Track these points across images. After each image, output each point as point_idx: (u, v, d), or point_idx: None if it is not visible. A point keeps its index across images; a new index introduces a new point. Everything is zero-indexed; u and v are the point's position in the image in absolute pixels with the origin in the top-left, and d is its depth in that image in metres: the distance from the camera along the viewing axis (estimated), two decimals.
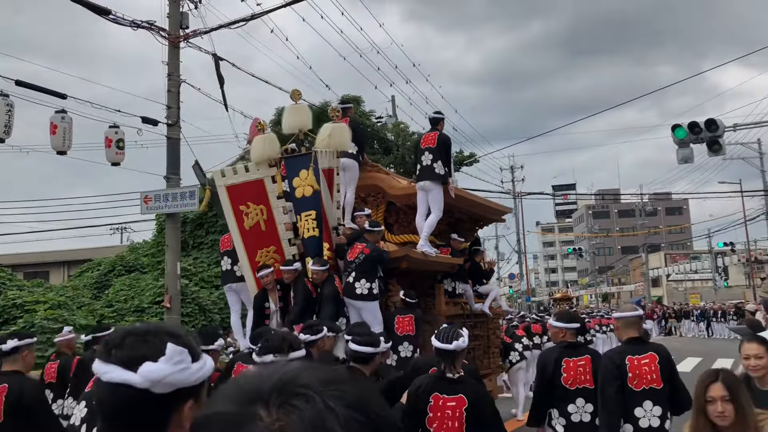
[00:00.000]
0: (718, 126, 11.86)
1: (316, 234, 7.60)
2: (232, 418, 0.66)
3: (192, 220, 19.27)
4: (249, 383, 0.69)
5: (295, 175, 7.81)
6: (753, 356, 3.80)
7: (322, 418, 0.64)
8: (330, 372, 0.71)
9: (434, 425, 3.64)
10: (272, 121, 30.36)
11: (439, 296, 8.50)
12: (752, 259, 40.71)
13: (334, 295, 7.10)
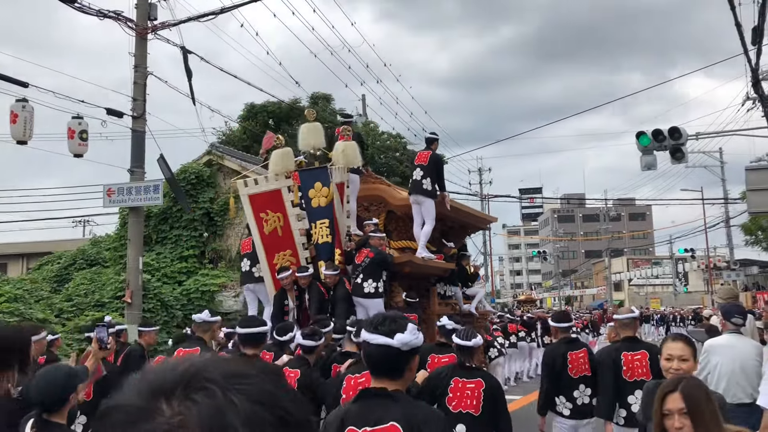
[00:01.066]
0: (681, 134, 12.07)
1: (329, 240, 8.58)
2: (132, 412, 0.64)
3: (156, 214, 19.00)
4: (155, 376, 0.68)
5: (310, 186, 8.80)
6: (677, 357, 3.47)
7: (222, 412, 0.62)
8: (238, 366, 0.69)
9: (453, 403, 4.40)
10: (241, 117, 30.15)
11: (432, 298, 9.55)
12: (711, 266, 41.59)
13: (346, 296, 8.05)
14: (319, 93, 30.98)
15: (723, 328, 5.83)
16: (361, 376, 4.15)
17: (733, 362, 5.20)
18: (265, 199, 8.93)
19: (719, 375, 5.24)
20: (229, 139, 29.13)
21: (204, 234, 19.07)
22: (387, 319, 2.61)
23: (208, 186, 19.43)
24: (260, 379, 0.67)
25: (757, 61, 13.60)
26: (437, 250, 9.78)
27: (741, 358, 5.22)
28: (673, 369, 3.44)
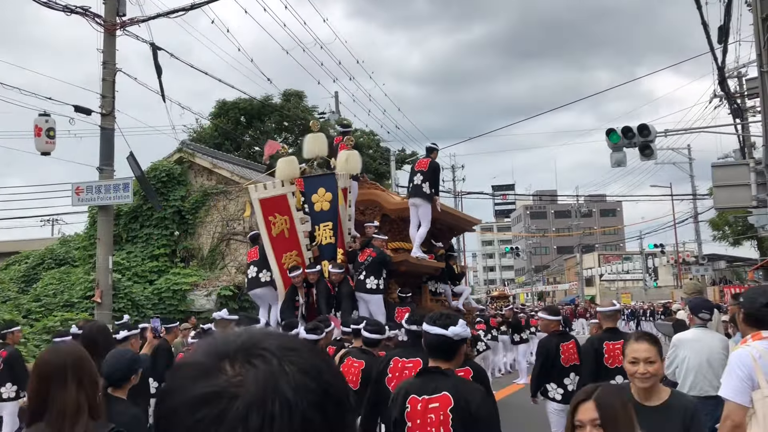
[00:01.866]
0: (650, 131, 12.22)
1: (332, 241, 9.45)
2: (202, 368, 0.74)
3: (126, 213, 18.75)
4: (221, 342, 0.77)
5: (313, 191, 9.68)
6: (642, 360, 3.11)
7: (275, 378, 0.71)
8: (291, 340, 0.78)
9: None
10: (212, 114, 29.89)
11: (424, 294, 10.50)
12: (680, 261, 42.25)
13: (350, 293, 8.92)
14: (292, 90, 30.85)
15: (691, 322, 5.93)
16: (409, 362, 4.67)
17: (700, 356, 5.29)
18: (273, 202, 9.67)
19: (687, 369, 5.33)
20: (201, 137, 28.86)
21: (175, 232, 18.87)
22: (443, 315, 3.43)
23: (179, 184, 19.22)
24: (310, 354, 0.76)
25: (723, 60, 13.84)
26: (428, 250, 10.52)
27: (708, 351, 5.32)
28: (639, 374, 3.11)
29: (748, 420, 3.26)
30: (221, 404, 0.69)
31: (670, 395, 3.15)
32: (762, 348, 3.36)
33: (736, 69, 21.22)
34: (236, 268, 18.47)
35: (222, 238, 18.94)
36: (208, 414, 0.69)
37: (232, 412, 0.68)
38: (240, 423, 0.67)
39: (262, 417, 0.68)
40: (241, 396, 0.69)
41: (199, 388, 0.71)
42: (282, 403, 0.69)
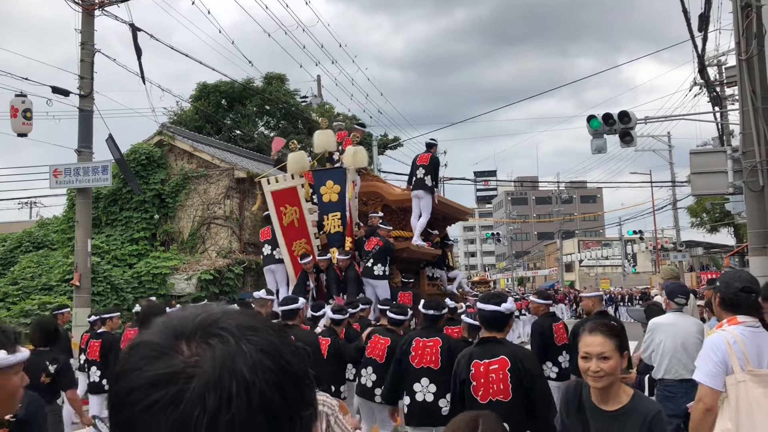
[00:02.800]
0: (631, 118, 12.28)
1: (340, 230, 10.32)
2: (157, 348, 0.72)
3: (105, 196, 18.57)
4: (178, 319, 0.76)
5: (322, 184, 10.49)
6: (595, 356, 2.73)
7: (232, 357, 0.70)
8: (250, 319, 0.77)
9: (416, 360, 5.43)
10: (193, 96, 29.60)
11: (422, 279, 11.39)
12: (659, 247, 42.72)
13: (356, 277, 9.78)
14: (273, 73, 30.61)
15: (667, 307, 6.02)
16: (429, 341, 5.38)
17: (676, 340, 5.37)
18: (284, 194, 10.58)
19: (663, 352, 5.41)
20: (181, 119, 28.60)
21: (155, 216, 18.74)
22: (495, 294, 4.15)
23: (159, 167, 19.06)
24: (268, 333, 0.75)
25: (703, 48, 13.93)
26: (425, 238, 11.29)
27: (683, 335, 5.40)
28: (591, 372, 2.72)
29: (721, 404, 3.31)
30: (177, 385, 0.68)
31: (630, 399, 2.76)
32: (737, 333, 3.40)
33: (716, 57, 21.40)
34: (217, 252, 18.40)
35: (202, 221, 18.84)
36: (164, 395, 0.68)
37: (189, 393, 0.67)
38: (197, 404, 0.67)
39: (220, 397, 0.67)
40: (197, 376, 0.69)
41: (154, 369, 0.70)
42: (239, 382, 0.69)
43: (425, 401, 5.22)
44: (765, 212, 9.02)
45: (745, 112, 9.30)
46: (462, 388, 3.97)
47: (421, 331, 5.64)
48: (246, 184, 18.90)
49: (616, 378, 2.75)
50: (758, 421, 3.22)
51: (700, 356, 3.47)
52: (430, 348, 5.32)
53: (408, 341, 5.46)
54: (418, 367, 5.29)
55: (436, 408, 5.17)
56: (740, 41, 9.34)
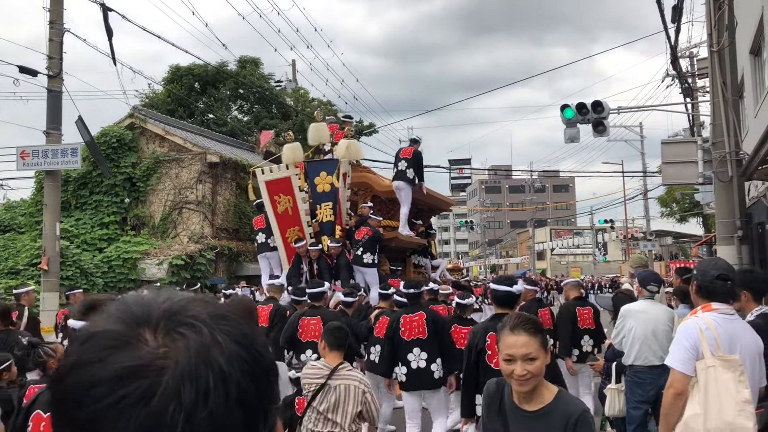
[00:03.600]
0: (604, 108, 12.36)
1: (332, 219, 10.73)
2: (119, 338, 0.67)
3: (75, 179, 18.27)
4: (138, 306, 0.71)
5: (316, 174, 10.89)
6: (520, 358, 2.46)
7: (208, 348, 0.66)
8: (218, 307, 0.73)
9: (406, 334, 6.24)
10: (165, 79, 29.15)
11: (408, 267, 11.99)
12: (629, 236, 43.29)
13: (347, 264, 10.23)
14: (248, 57, 30.26)
15: (639, 294, 6.09)
16: (415, 316, 6.25)
17: (646, 326, 5.44)
18: (278, 184, 11.01)
19: (633, 338, 5.48)
20: (153, 102, 28.18)
21: (126, 200, 18.50)
22: (506, 277, 5.06)
23: (130, 150, 18.79)
24: (239, 322, 0.72)
25: (676, 39, 14.07)
26: (409, 228, 11.80)
27: (654, 322, 5.47)
28: (517, 376, 2.46)
29: (690, 389, 3.36)
30: (148, 379, 0.63)
31: (554, 398, 2.53)
32: (710, 319, 3.44)
33: (688, 49, 21.63)
34: (188, 237, 18.22)
35: (174, 206, 18.64)
36: (134, 390, 0.63)
37: (162, 386, 0.63)
38: (173, 398, 0.63)
39: (197, 390, 0.64)
40: (169, 369, 0.64)
41: (120, 361, 0.65)
42: (216, 374, 0.65)
43: (419, 368, 6.08)
44: (733, 202, 9.17)
45: (715, 103, 9.41)
46: (478, 356, 4.66)
47: (406, 308, 6.45)
48: (219, 169, 18.72)
49: (541, 377, 2.52)
50: (726, 405, 3.28)
51: (673, 342, 3.51)
52: (417, 321, 6.19)
53: (396, 319, 6.28)
54: (409, 339, 6.15)
55: (429, 372, 6.08)
56: (712, 33, 9.44)
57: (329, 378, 4.06)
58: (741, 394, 3.32)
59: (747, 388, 3.35)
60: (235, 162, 19.27)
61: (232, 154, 20.18)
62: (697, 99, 19.03)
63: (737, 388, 3.32)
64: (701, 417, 3.28)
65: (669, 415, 3.40)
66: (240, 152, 21.95)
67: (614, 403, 5.78)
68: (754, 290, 4.64)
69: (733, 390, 3.31)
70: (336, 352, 4.19)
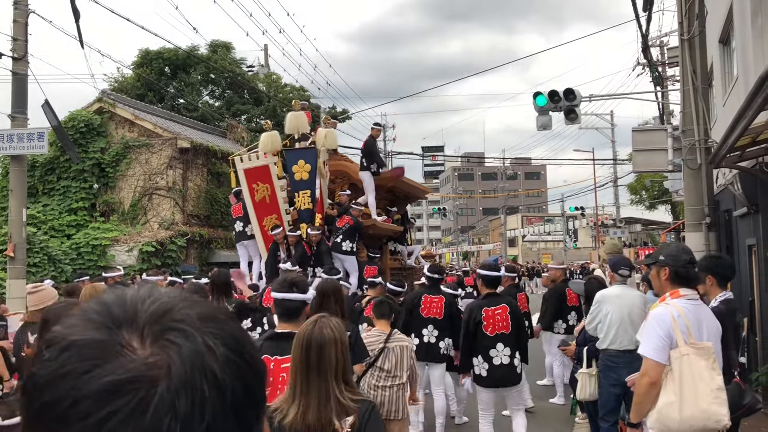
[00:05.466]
0: (576, 96, 12.44)
1: (310, 207, 10.77)
2: (101, 347, 0.61)
3: (42, 164, 17.92)
4: (119, 308, 0.65)
5: (294, 163, 10.87)
6: None
7: (201, 356, 0.62)
8: (205, 307, 0.68)
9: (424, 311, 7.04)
10: (135, 63, 28.68)
11: (385, 254, 12.10)
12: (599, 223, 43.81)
13: (327, 250, 10.37)
14: (219, 41, 29.86)
15: (612, 280, 6.15)
16: (435, 297, 7.10)
17: (621, 311, 5.50)
18: (257, 172, 11.09)
19: (609, 323, 5.53)
20: (122, 87, 27.69)
21: (94, 185, 18.20)
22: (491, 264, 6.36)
23: (98, 135, 18.47)
24: (228, 324, 0.68)
25: (647, 28, 14.20)
26: (386, 215, 12.10)
27: (629, 307, 5.53)
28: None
29: (664, 377, 3.38)
30: (140, 392, 0.59)
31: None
32: (680, 306, 3.46)
33: (659, 38, 21.85)
34: (159, 224, 18.01)
35: (144, 192, 18.39)
36: (124, 404, 0.58)
37: (157, 399, 0.59)
38: (167, 411, 0.59)
39: (192, 401, 0.60)
40: (162, 379, 0.60)
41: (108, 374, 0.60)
42: (211, 382, 0.62)
43: (429, 342, 6.96)
44: (702, 189, 9.30)
45: (685, 91, 9.52)
46: (476, 327, 5.87)
47: (428, 288, 7.27)
48: (190, 155, 18.50)
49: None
50: (700, 392, 3.31)
51: (644, 331, 3.51)
52: (437, 303, 7.05)
53: (418, 296, 7.15)
54: (426, 316, 6.98)
55: (437, 348, 6.98)
56: (683, 21, 9.53)
57: (386, 342, 5.01)
58: (714, 381, 3.36)
59: (719, 374, 3.40)
60: (207, 148, 19.05)
61: (203, 139, 19.95)
62: (667, 87, 19.25)
63: (711, 375, 3.36)
64: (676, 405, 3.31)
65: (642, 403, 3.42)
66: (211, 138, 21.71)
67: (585, 387, 5.84)
68: (720, 276, 4.71)
69: (707, 377, 3.35)
70: (384, 321, 5.16)
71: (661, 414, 3.35)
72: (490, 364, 5.94)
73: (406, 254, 13.11)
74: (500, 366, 5.93)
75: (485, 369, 5.98)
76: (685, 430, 3.33)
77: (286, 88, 31.08)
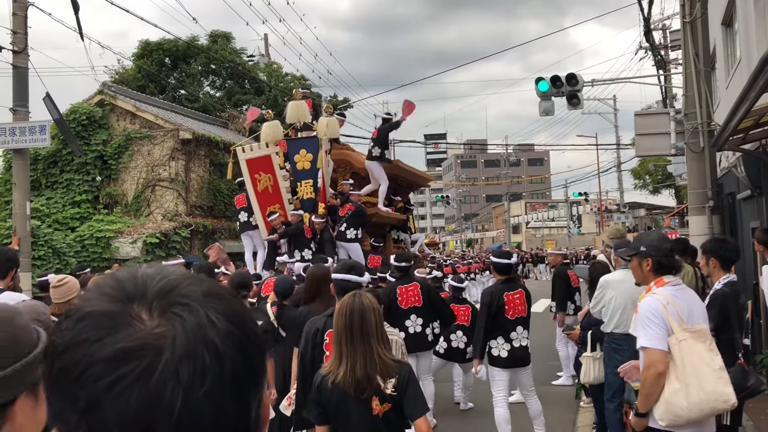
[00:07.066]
0: (578, 81, 12.40)
1: (312, 196, 10.83)
2: (113, 317, 0.68)
3: (44, 157, 17.93)
4: (131, 284, 0.71)
5: (296, 152, 10.94)
6: None
7: (203, 329, 0.68)
8: (210, 285, 0.74)
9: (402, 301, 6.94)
10: (135, 55, 28.63)
11: (388, 242, 12.30)
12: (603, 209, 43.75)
13: (330, 239, 10.44)
14: (219, 31, 29.78)
15: (616, 264, 6.15)
16: (410, 286, 7.00)
17: (626, 295, 5.50)
18: (259, 162, 11.10)
19: (613, 308, 5.53)
20: (123, 78, 27.66)
21: (97, 178, 18.21)
22: (505, 252, 6.59)
23: (100, 127, 18.47)
24: (231, 300, 0.74)
25: (649, 11, 14.11)
26: (388, 204, 12.16)
27: (632, 291, 5.50)
28: None
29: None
30: (146, 359, 0.65)
31: None
32: (667, 294, 3.46)
33: (661, 21, 21.72)
34: (162, 215, 18.04)
35: (147, 184, 18.40)
36: (132, 369, 0.64)
37: (161, 366, 0.65)
38: (170, 378, 0.64)
39: (194, 368, 0.65)
40: (167, 348, 0.66)
41: (118, 341, 0.66)
42: (212, 353, 0.67)
43: (416, 332, 6.87)
44: (705, 173, 9.28)
45: (688, 74, 9.48)
46: (498, 311, 6.07)
47: (400, 280, 7.10)
48: (192, 146, 18.49)
49: None
50: (703, 375, 3.31)
51: (639, 324, 3.48)
52: (412, 291, 6.95)
53: (392, 290, 6.98)
54: (406, 307, 6.89)
55: (425, 336, 6.92)
56: (684, 4, 9.47)
57: None
58: (715, 362, 3.36)
59: (718, 355, 3.40)
60: (209, 138, 19.04)
61: (205, 130, 19.93)
62: (669, 71, 19.15)
63: (710, 357, 3.36)
64: (682, 392, 3.30)
65: (651, 394, 3.39)
66: (213, 128, 21.68)
67: (590, 370, 5.86)
68: (723, 259, 4.70)
69: (708, 359, 3.35)
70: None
71: (668, 404, 3.33)
72: (511, 345, 6.18)
73: (409, 242, 13.14)
74: (520, 348, 6.19)
75: (506, 350, 6.19)
76: (694, 416, 3.31)
77: (287, 77, 31.01)
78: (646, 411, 3.44)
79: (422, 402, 3.09)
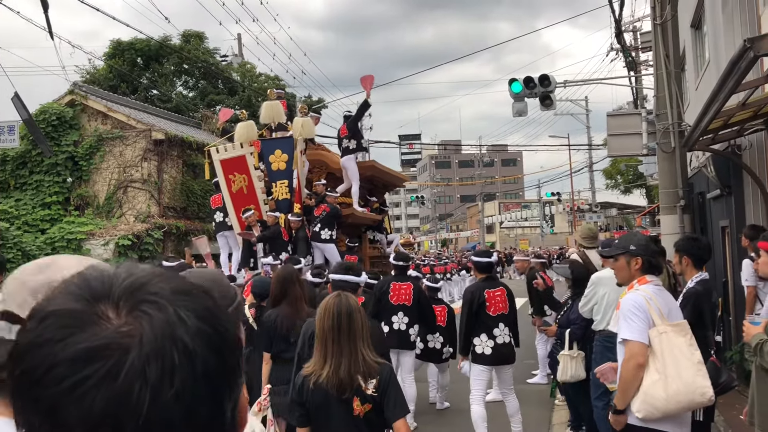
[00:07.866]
0: (551, 82, 12.51)
1: (288, 197, 10.83)
2: (77, 316, 0.65)
3: (13, 158, 17.62)
4: (98, 282, 0.69)
5: (270, 153, 10.93)
6: None
7: (172, 326, 0.66)
8: (181, 282, 0.72)
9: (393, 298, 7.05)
10: (106, 54, 28.25)
11: (364, 242, 12.32)
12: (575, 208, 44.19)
13: (305, 238, 10.45)
14: (192, 31, 29.52)
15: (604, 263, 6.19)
16: (404, 284, 7.12)
17: (617, 293, 5.52)
18: (233, 163, 11.08)
19: (606, 305, 5.48)
20: (94, 78, 27.29)
21: (68, 179, 17.95)
22: (486, 251, 7.07)
23: (71, 128, 18.20)
24: (202, 297, 0.71)
25: (620, 13, 14.29)
26: (364, 204, 12.17)
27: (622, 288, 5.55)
28: None
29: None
30: (112, 358, 0.62)
31: None
32: (650, 290, 3.56)
33: (632, 23, 22.00)
34: (135, 217, 17.83)
35: (119, 185, 18.18)
36: (97, 370, 0.61)
37: (127, 366, 0.62)
38: (137, 377, 0.62)
39: (162, 367, 0.63)
40: (133, 347, 0.63)
41: (82, 341, 0.63)
42: (181, 351, 0.65)
43: (400, 329, 6.98)
44: (676, 172, 9.42)
45: (659, 75, 9.61)
46: (479, 308, 6.19)
47: (395, 276, 7.30)
48: (164, 146, 18.30)
49: None
50: (683, 367, 3.38)
51: (621, 318, 3.54)
52: (405, 290, 7.08)
53: (386, 284, 7.15)
54: (396, 304, 7.00)
55: (407, 335, 7.03)
56: (655, 6, 9.60)
57: None
58: (694, 356, 3.44)
59: (697, 350, 3.48)
60: (181, 139, 18.86)
61: (178, 130, 19.74)
62: (640, 72, 19.42)
63: (690, 351, 3.44)
64: (661, 382, 3.36)
65: (630, 388, 3.44)
66: (186, 129, 21.49)
67: (567, 368, 5.88)
68: (696, 257, 4.77)
69: (688, 353, 3.42)
70: None
71: (647, 395, 3.38)
72: (495, 342, 6.27)
73: (385, 243, 13.20)
74: (503, 344, 6.28)
75: (489, 347, 6.27)
76: (672, 408, 3.37)
77: (261, 77, 30.86)
78: (624, 407, 3.49)
79: (402, 404, 3.07)
